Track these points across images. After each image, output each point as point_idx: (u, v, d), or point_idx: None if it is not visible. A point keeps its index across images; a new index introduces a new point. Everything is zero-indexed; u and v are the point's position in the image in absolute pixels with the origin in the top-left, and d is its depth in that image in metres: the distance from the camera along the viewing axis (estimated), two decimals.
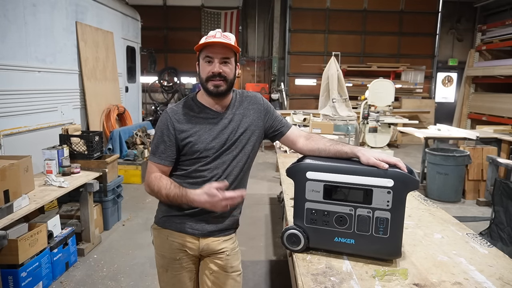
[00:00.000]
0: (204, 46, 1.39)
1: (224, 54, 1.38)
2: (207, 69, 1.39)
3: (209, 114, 1.45)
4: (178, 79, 10.00)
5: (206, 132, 1.42)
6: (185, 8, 10.10)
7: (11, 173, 2.33)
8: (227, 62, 1.40)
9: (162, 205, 1.52)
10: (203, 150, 1.41)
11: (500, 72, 7.81)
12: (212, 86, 1.39)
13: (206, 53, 1.39)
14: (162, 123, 1.44)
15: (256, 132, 1.50)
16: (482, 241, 1.48)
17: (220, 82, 1.38)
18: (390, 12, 10.30)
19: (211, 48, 1.38)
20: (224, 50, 1.38)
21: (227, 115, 1.46)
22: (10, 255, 2.34)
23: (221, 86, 1.39)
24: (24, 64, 3.84)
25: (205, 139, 1.41)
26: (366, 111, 6.37)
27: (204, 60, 1.40)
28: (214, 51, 1.38)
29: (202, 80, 1.42)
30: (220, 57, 1.38)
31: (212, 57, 1.38)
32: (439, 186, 4.80)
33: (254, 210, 4.41)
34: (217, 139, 1.42)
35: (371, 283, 1.15)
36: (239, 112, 1.48)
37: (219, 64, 1.38)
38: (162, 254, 1.51)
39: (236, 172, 1.46)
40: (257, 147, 1.53)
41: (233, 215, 1.54)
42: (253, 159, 1.54)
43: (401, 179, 1.20)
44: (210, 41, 1.36)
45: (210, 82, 1.39)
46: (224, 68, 1.39)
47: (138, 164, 5.33)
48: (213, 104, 1.45)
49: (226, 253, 1.51)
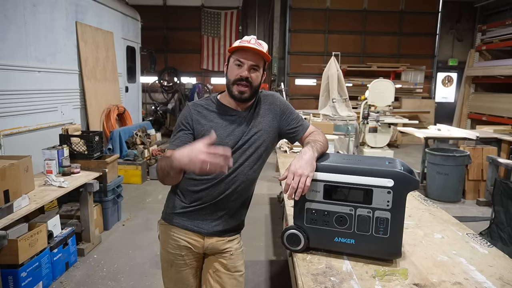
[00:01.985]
0: (236, 49, 1.40)
1: (254, 61, 1.40)
2: (235, 71, 1.40)
3: (227, 112, 1.46)
4: (178, 79, 9.99)
5: (222, 128, 1.43)
6: (185, 8, 10.10)
7: (11, 173, 2.33)
8: (256, 69, 1.41)
9: (170, 201, 1.53)
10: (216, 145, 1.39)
11: (500, 72, 7.81)
12: (236, 91, 1.40)
13: (238, 56, 1.39)
14: (183, 115, 1.47)
15: (271, 133, 1.50)
16: (482, 241, 1.48)
17: (245, 89, 1.40)
18: (390, 12, 10.31)
19: (244, 53, 1.39)
20: (256, 57, 1.40)
21: (245, 114, 1.47)
22: (10, 255, 2.33)
23: (245, 93, 1.41)
24: (24, 64, 3.84)
25: (220, 135, 1.41)
26: (366, 111, 6.37)
27: (234, 63, 1.41)
28: (246, 56, 1.39)
29: (228, 82, 1.43)
30: (250, 63, 1.39)
31: (243, 61, 1.39)
32: (439, 186, 4.80)
33: (254, 210, 4.41)
34: (231, 136, 1.43)
35: (371, 283, 1.15)
36: (256, 112, 1.49)
37: (248, 70, 1.39)
38: (167, 249, 1.52)
39: (247, 171, 1.46)
40: (270, 148, 1.53)
41: (240, 216, 1.54)
42: (266, 159, 1.54)
43: (401, 179, 1.20)
44: (245, 46, 1.37)
45: (236, 86, 1.40)
46: (252, 74, 1.40)
47: (138, 164, 5.33)
48: (235, 106, 1.47)
49: (230, 253, 1.52)
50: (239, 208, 1.52)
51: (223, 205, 1.46)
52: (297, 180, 1.22)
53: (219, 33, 10.24)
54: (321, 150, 1.37)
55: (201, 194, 1.44)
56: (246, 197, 1.53)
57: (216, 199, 1.44)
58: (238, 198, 1.48)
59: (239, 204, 1.50)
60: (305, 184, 1.22)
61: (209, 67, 10.50)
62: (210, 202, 1.44)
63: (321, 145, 1.40)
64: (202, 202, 1.45)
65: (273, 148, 1.57)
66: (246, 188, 1.49)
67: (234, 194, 1.45)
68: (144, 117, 8.81)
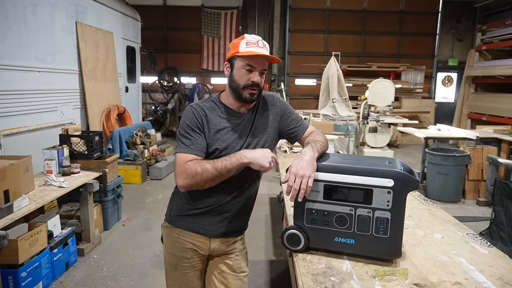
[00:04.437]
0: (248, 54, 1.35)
1: (264, 66, 1.40)
2: (246, 76, 1.37)
3: (232, 115, 1.45)
4: (178, 79, 9.99)
5: (229, 133, 1.42)
6: (185, 8, 10.10)
7: (11, 173, 2.33)
8: (264, 72, 1.41)
9: (174, 203, 1.52)
10: (224, 149, 1.40)
11: (500, 72, 7.81)
12: (248, 94, 1.38)
13: (249, 61, 1.36)
14: (189, 116, 1.39)
15: (272, 134, 1.50)
16: (482, 241, 1.48)
17: (256, 92, 1.39)
18: (390, 12, 10.31)
19: (255, 58, 1.36)
20: (265, 61, 1.40)
21: (248, 117, 1.46)
22: (10, 255, 2.33)
23: (255, 95, 1.40)
24: (24, 64, 3.84)
25: (228, 139, 1.41)
26: (366, 111, 6.37)
27: (243, 68, 1.37)
28: (257, 61, 1.37)
29: (238, 86, 1.38)
30: (261, 68, 1.38)
31: (255, 67, 1.37)
32: (439, 186, 4.80)
33: (254, 210, 4.36)
34: (238, 140, 1.42)
35: (371, 283, 1.15)
36: (258, 113, 1.49)
37: (260, 75, 1.39)
38: (172, 252, 1.52)
39: (251, 172, 1.45)
40: (272, 148, 1.53)
41: (245, 216, 1.55)
42: None
43: (401, 179, 1.20)
44: (258, 53, 1.34)
45: (247, 90, 1.38)
46: (261, 78, 1.40)
47: (138, 164, 5.33)
48: (238, 107, 1.45)
49: (236, 254, 1.53)
50: (244, 209, 1.52)
51: (229, 206, 1.46)
52: (299, 181, 1.22)
53: (219, 33, 10.24)
54: (321, 150, 1.37)
55: (208, 197, 1.44)
56: (251, 198, 1.54)
57: (222, 201, 1.44)
58: (243, 199, 1.49)
59: (244, 205, 1.51)
60: (307, 185, 1.21)
61: (209, 67, 10.50)
62: (217, 205, 1.44)
63: (321, 145, 1.39)
64: (208, 204, 1.44)
65: (274, 148, 1.57)
66: (251, 188, 1.50)
67: (239, 196, 1.46)
68: (144, 117, 8.81)
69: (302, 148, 1.39)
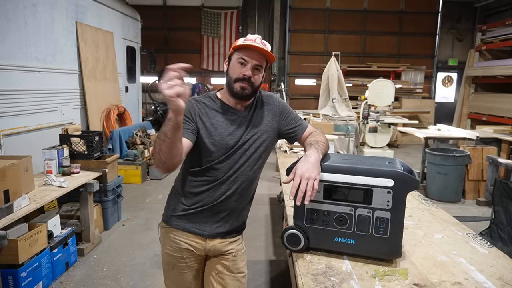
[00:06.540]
0: (241, 47, 1.37)
1: (258, 60, 1.38)
2: (238, 70, 1.38)
3: (228, 111, 1.45)
4: None
5: (223, 127, 1.41)
6: (185, 8, 10.10)
7: (11, 173, 2.33)
8: (259, 69, 1.40)
9: (170, 203, 1.52)
10: (217, 143, 1.39)
11: (500, 72, 7.81)
12: (239, 87, 1.38)
13: (242, 54, 1.37)
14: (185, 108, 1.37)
15: (270, 134, 1.49)
16: (482, 241, 1.48)
17: (247, 86, 1.38)
18: (390, 12, 10.30)
19: (248, 52, 1.37)
20: (260, 56, 1.38)
21: (245, 114, 1.46)
22: (10, 255, 2.33)
23: (247, 90, 1.39)
24: (24, 64, 3.84)
25: (221, 133, 1.40)
26: (366, 111, 6.37)
27: (237, 61, 1.38)
28: (250, 55, 1.37)
29: (230, 79, 1.40)
30: (254, 63, 1.37)
31: (247, 60, 1.37)
32: (439, 186, 4.80)
33: (254, 210, 4.41)
34: (232, 136, 1.41)
35: (371, 283, 1.15)
36: (256, 112, 1.48)
37: (252, 69, 1.38)
38: (168, 252, 1.52)
39: (248, 171, 1.45)
40: (270, 148, 1.52)
41: (241, 216, 1.54)
42: (266, 160, 1.53)
43: (401, 179, 1.20)
44: (250, 44, 1.35)
45: (238, 83, 1.38)
46: (255, 75, 1.39)
47: (138, 164, 5.33)
48: (234, 103, 1.45)
49: (233, 254, 1.52)
50: (241, 209, 1.51)
51: (224, 206, 1.45)
52: (305, 183, 1.21)
53: (219, 33, 10.24)
54: (324, 151, 1.37)
55: (202, 196, 1.43)
56: (247, 198, 1.53)
57: (217, 200, 1.43)
58: (239, 199, 1.48)
59: (240, 205, 1.50)
60: (313, 187, 1.21)
61: (209, 67, 10.50)
62: (211, 204, 1.43)
63: (324, 146, 1.40)
64: (203, 204, 1.44)
65: (272, 148, 1.56)
66: (247, 188, 1.49)
67: (235, 195, 1.45)
68: (144, 117, 8.81)
69: (303, 148, 1.38)
